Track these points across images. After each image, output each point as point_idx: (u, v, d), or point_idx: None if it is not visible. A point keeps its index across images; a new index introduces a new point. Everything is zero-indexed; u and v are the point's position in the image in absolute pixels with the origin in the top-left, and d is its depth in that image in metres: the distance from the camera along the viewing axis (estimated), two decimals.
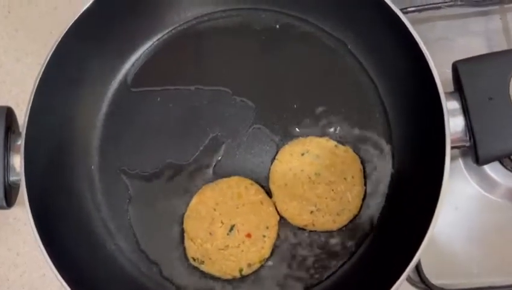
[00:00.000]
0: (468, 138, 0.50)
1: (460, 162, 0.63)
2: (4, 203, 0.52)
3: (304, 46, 0.61)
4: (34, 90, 0.53)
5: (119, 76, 0.62)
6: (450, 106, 0.49)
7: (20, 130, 0.53)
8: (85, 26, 0.56)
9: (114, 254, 0.57)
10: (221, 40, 0.62)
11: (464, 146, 0.51)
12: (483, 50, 0.66)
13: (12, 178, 0.52)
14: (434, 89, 0.50)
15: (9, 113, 0.53)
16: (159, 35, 0.63)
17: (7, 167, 0.52)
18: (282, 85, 0.60)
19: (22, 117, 0.54)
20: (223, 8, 0.63)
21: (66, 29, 0.54)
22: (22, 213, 0.65)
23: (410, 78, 0.55)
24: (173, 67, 0.62)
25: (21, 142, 0.52)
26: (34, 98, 0.52)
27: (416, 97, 0.54)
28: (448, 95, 0.50)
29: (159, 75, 0.62)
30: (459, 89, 0.50)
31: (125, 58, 0.62)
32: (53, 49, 0.54)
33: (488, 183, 0.61)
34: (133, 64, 0.62)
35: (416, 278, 0.59)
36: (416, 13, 0.63)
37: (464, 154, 0.63)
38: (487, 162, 0.49)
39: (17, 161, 0.52)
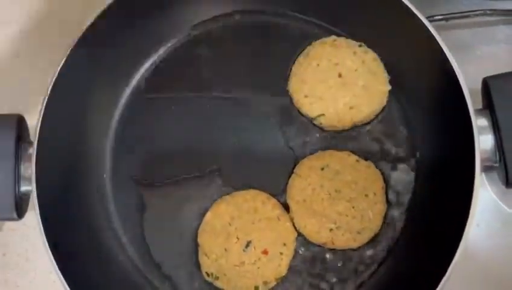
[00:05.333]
0: (497, 158, 0.48)
1: (483, 176, 0.60)
2: (15, 215, 0.50)
3: None
4: (46, 99, 0.51)
5: (133, 82, 0.60)
6: (479, 124, 0.47)
7: (32, 138, 0.52)
8: (98, 31, 0.53)
9: (126, 267, 0.56)
10: (239, 45, 0.60)
11: (491, 166, 0.49)
12: (509, 59, 0.64)
13: (23, 188, 0.51)
14: (463, 104, 0.48)
15: (20, 121, 0.52)
16: (174, 40, 0.61)
17: (18, 177, 0.50)
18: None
19: (33, 122, 0.52)
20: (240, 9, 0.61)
21: (79, 36, 0.52)
22: (31, 218, 0.64)
23: (436, 92, 0.53)
24: (189, 73, 0.60)
25: (32, 151, 0.50)
26: (45, 107, 0.51)
27: (442, 112, 0.52)
28: (478, 112, 0.48)
29: (174, 81, 0.60)
30: (489, 106, 0.48)
31: (139, 64, 0.60)
32: (66, 56, 0.52)
33: (511, 199, 0.59)
34: (146, 70, 0.60)
35: None
36: (442, 22, 0.61)
37: (487, 169, 0.60)
38: None
39: (28, 171, 0.50)
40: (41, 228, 0.49)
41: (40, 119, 0.51)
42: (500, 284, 0.57)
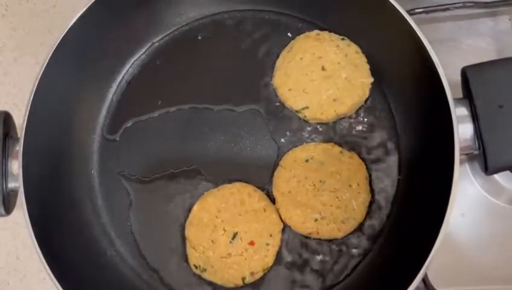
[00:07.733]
0: (477, 146, 0.48)
1: (466, 166, 0.61)
2: (3, 211, 0.51)
3: None
4: (32, 96, 0.51)
5: (119, 78, 0.61)
6: (459, 113, 0.48)
7: (19, 134, 0.52)
8: (84, 27, 0.54)
9: (114, 261, 0.56)
10: (224, 41, 0.61)
11: (472, 154, 0.49)
12: (491, 52, 0.65)
13: (10, 185, 0.51)
14: (442, 95, 0.48)
15: (7, 118, 0.52)
16: (160, 36, 0.62)
17: (5, 174, 0.51)
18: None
19: (20, 118, 0.52)
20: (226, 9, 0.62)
21: (64, 32, 0.53)
22: (21, 217, 0.64)
23: (417, 83, 0.53)
24: (175, 70, 0.60)
25: (19, 148, 0.51)
26: (31, 104, 0.51)
27: (423, 102, 0.53)
28: (457, 101, 0.49)
29: (160, 78, 0.60)
30: (468, 96, 0.49)
31: (124, 60, 0.61)
32: (51, 53, 0.52)
33: (495, 188, 0.60)
34: (132, 64, 0.61)
35: (421, 285, 0.58)
36: (423, 14, 0.62)
37: (470, 159, 0.62)
38: (496, 172, 0.48)
39: (16, 167, 0.51)
40: (29, 224, 0.49)
41: (26, 115, 0.51)
42: (484, 272, 0.58)
